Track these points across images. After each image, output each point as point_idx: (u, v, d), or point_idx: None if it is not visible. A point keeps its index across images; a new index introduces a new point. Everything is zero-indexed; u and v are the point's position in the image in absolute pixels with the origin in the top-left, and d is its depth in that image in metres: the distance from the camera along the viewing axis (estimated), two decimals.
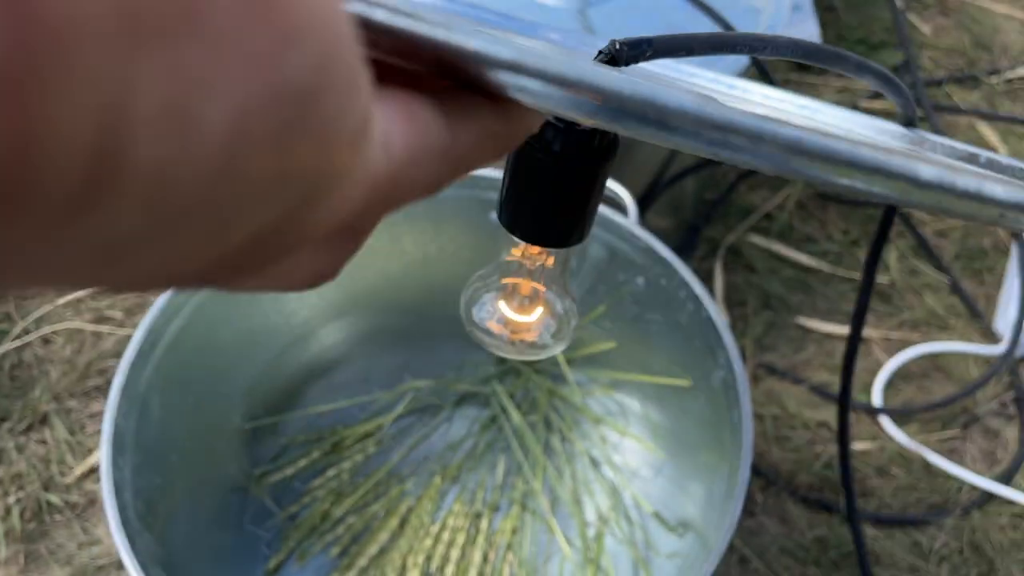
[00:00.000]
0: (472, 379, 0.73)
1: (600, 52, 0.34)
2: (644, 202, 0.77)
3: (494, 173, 0.60)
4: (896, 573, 0.68)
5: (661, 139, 0.16)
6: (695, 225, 0.92)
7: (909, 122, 0.39)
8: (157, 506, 0.51)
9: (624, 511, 0.65)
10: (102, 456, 0.47)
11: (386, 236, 0.63)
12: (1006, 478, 0.74)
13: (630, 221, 0.57)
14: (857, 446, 0.77)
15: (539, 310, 0.47)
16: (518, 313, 0.48)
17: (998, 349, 0.81)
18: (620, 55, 0.34)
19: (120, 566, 0.69)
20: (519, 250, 0.44)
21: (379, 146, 0.15)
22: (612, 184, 0.61)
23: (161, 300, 0.53)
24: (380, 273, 0.66)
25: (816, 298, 0.89)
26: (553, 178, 0.33)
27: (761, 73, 0.71)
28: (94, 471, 0.74)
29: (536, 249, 0.43)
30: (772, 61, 0.71)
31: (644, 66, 0.40)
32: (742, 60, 0.69)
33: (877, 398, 0.81)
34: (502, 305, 0.48)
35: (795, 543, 0.71)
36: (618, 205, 0.60)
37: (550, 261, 0.44)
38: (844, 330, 0.85)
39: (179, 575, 0.46)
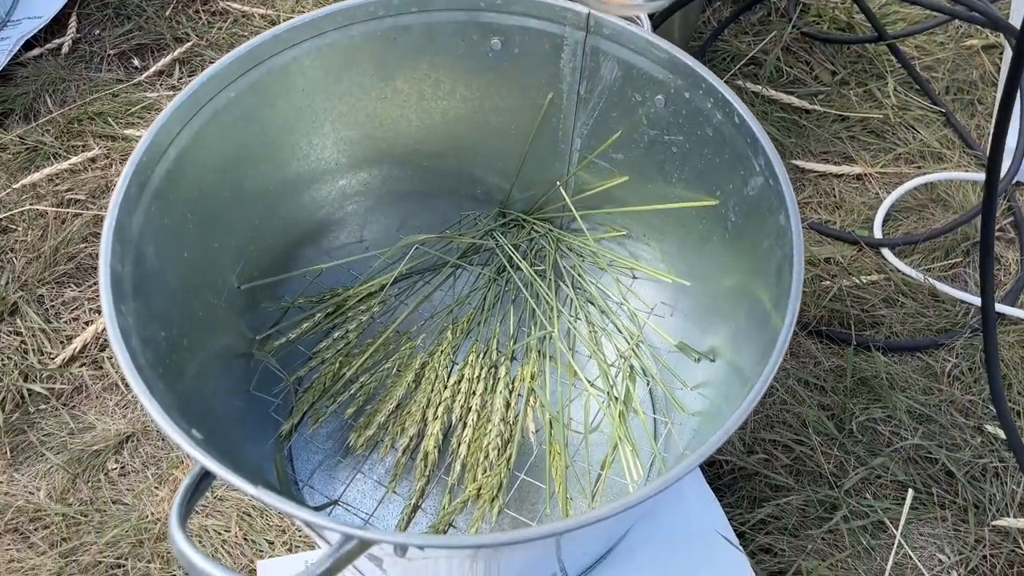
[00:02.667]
0: (474, 233, 0.69)
1: None
2: None
3: None
4: (912, 394, 0.68)
5: None
6: None
7: None
8: (165, 359, 0.47)
9: (645, 348, 0.63)
10: (103, 298, 0.43)
11: (373, 70, 0.58)
12: (1012, 299, 0.74)
13: (645, 31, 0.53)
14: (863, 279, 0.76)
15: None
16: None
17: None
18: None
19: (117, 449, 0.65)
20: None
21: None
22: None
23: (146, 139, 0.48)
24: (372, 117, 0.61)
25: (809, 140, 0.87)
26: None
27: None
28: (77, 358, 0.70)
29: None
30: None
31: None
32: None
33: (878, 232, 0.79)
34: None
35: (811, 373, 0.70)
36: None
37: None
38: (839, 169, 0.84)
39: (196, 424, 0.43)
